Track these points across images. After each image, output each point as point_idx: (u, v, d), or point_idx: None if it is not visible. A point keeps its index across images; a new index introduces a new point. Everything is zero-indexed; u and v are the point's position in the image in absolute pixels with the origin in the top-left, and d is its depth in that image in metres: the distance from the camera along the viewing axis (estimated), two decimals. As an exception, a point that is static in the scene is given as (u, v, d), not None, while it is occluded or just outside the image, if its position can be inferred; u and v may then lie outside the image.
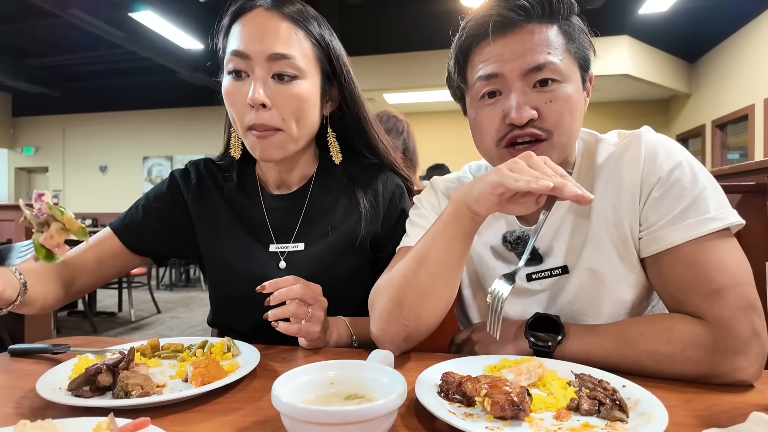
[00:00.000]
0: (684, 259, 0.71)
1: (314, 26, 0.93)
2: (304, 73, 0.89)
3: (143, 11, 5.89)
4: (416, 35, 7.18)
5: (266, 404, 0.61)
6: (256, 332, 0.94)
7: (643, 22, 6.51)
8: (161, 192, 1.05)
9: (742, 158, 6.79)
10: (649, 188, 0.76)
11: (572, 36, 0.77)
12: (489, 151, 0.81)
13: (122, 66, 8.46)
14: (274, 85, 0.87)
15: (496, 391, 0.54)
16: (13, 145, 10.89)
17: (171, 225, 1.03)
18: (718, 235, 0.70)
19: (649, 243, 0.75)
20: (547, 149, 0.76)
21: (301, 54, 0.89)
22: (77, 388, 0.63)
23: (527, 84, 0.75)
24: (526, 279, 0.85)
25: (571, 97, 0.75)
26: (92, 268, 0.98)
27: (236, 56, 0.87)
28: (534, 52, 0.74)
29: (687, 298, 0.70)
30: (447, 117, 8.90)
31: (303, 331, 0.80)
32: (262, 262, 0.97)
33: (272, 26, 0.87)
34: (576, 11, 0.79)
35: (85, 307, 4.61)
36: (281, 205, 1.02)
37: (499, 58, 0.75)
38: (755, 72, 6.14)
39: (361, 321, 0.93)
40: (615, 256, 0.79)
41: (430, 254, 0.74)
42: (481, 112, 0.79)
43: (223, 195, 1.04)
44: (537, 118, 0.74)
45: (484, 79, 0.77)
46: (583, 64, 0.79)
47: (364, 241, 0.99)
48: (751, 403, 0.60)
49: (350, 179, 1.04)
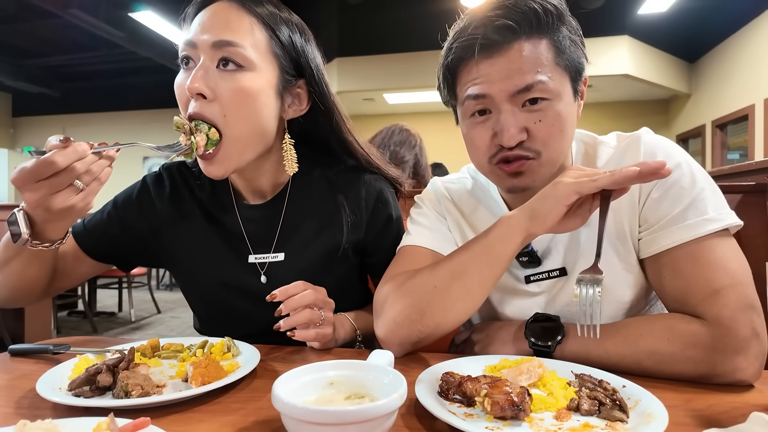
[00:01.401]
0: (683, 259, 0.71)
1: (281, 27, 0.87)
2: (252, 65, 0.82)
3: (143, 11, 5.89)
4: (416, 35, 7.17)
5: (266, 404, 0.60)
6: (246, 341, 0.92)
7: (643, 22, 6.51)
8: (130, 199, 1.00)
9: (742, 158, 6.79)
10: (648, 189, 0.76)
11: (562, 48, 0.75)
12: (482, 166, 0.82)
13: (122, 66, 8.46)
14: (218, 74, 0.80)
15: (496, 391, 0.54)
16: (13, 145, 10.88)
17: (132, 235, 0.98)
18: (717, 235, 0.70)
19: (648, 244, 0.75)
20: (536, 167, 0.76)
21: (252, 44, 0.82)
22: (77, 388, 0.63)
23: (516, 104, 0.74)
24: (525, 281, 0.85)
25: (560, 114, 0.74)
26: (71, 264, 0.96)
27: (186, 45, 0.83)
28: (522, 72, 0.72)
29: (686, 298, 0.70)
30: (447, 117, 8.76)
31: (319, 335, 0.79)
32: (241, 274, 0.94)
33: (223, 16, 0.82)
34: (566, 20, 0.76)
35: (85, 307, 4.61)
36: (256, 215, 0.96)
37: (486, 78, 0.74)
38: (755, 72, 6.14)
39: (363, 315, 0.93)
40: (614, 258, 0.79)
41: (469, 271, 0.74)
42: (472, 130, 0.79)
43: (196, 203, 0.98)
44: (526, 139, 0.74)
45: (473, 99, 0.76)
46: (575, 75, 0.77)
47: (347, 248, 0.95)
48: (751, 403, 0.60)
49: (330, 184, 0.98)
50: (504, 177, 0.78)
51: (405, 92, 8.04)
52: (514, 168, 0.76)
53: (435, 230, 0.91)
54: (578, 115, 0.81)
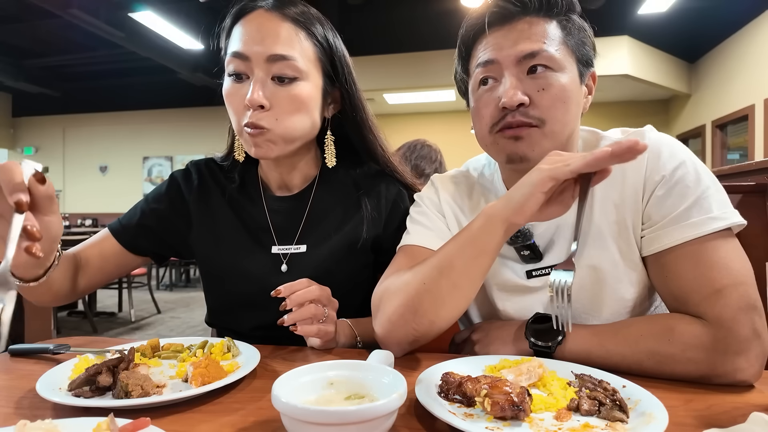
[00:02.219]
0: (686, 257, 0.71)
1: (317, 27, 0.92)
2: (304, 75, 0.88)
3: (143, 11, 5.89)
4: (416, 35, 7.18)
5: (266, 404, 0.60)
6: (256, 333, 0.94)
7: (643, 22, 6.51)
8: (160, 193, 1.05)
9: (742, 158, 6.79)
10: (653, 186, 0.76)
11: (570, 32, 0.78)
12: (484, 137, 0.82)
13: (122, 66, 8.46)
14: (273, 87, 0.87)
15: (496, 391, 0.54)
16: (13, 146, 10.89)
17: (167, 226, 1.03)
18: (720, 234, 0.70)
19: (651, 241, 0.75)
20: (539, 137, 0.76)
21: (302, 55, 0.88)
22: (77, 388, 0.63)
23: (521, 70, 0.76)
24: (526, 276, 0.85)
25: (565, 86, 0.76)
26: (97, 264, 0.99)
27: (236, 57, 0.87)
28: (529, 41, 0.75)
29: (688, 297, 0.70)
30: (447, 117, 8.90)
31: (322, 331, 0.80)
32: (264, 264, 0.97)
33: (272, 27, 0.87)
34: (577, 10, 0.79)
35: (85, 307, 4.61)
36: (283, 207, 1.01)
37: (496, 46, 0.77)
38: (755, 72, 6.14)
39: (364, 322, 0.93)
40: (617, 254, 0.79)
41: (454, 265, 0.73)
42: (479, 100, 0.81)
43: (225, 196, 1.03)
44: (529, 105, 0.75)
45: (482, 66, 0.79)
46: (582, 59, 0.80)
47: (366, 243, 0.99)
48: (751, 404, 0.60)
49: (353, 182, 1.03)
50: (504, 144, 0.78)
51: (405, 92, 8.04)
52: (515, 132, 0.76)
53: (434, 229, 0.91)
54: (585, 109, 0.83)
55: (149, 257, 1.05)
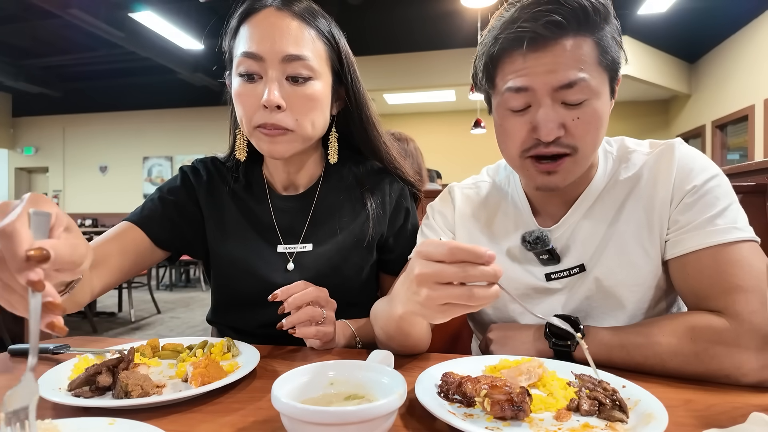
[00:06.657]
0: (708, 258, 0.72)
1: (323, 24, 0.92)
2: (317, 74, 0.88)
3: (143, 11, 5.89)
4: (416, 35, 7.18)
5: (266, 404, 0.61)
6: (261, 331, 0.94)
7: (643, 23, 6.51)
8: (175, 186, 1.03)
9: (742, 159, 6.79)
10: (682, 194, 0.77)
11: (605, 47, 0.74)
12: (513, 159, 0.81)
13: (122, 66, 8.46)
14: (288, 87, 0.86)
15: (496, 391, 0.54)
16: (13, 145, 10.90)
17: (187, 217, 1.01)
18: (743, 242, 0.71)
19: (675, 244, 0.76)
20: (571, 165, 0.76)
21: (314, 54, 0.88)
22: (77, 388, 0.63)
23: (556, 100, 0.74)
24: (546, 279, 0.86)
25: (598, 112, 0.74)
26: (115, 263, 0.91)
27: (248, 58, 0.85)
28: (566, 68, 0.72)
29: (708, 292, 0.71)
30: (447, 117, 8.90)
31: (320, 333, 0.80)
32: (270, 263, 0.97)
33: (284, 26, 0.85)
34: (611, 18, 0.75)
35: (85, 307, 4.61)
36: (289, 206, 1.01)
37: (531, 71, 0.73)
38: (755, 72, 6.15)
39: (363, 322, 0.93)
40: (640, 257, 0.79)
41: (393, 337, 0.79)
42: (508, 121, 0.79)
43: (230, 194, 1.03)
44: (563, 135, 0.74)
45: (514, 91, 0.75)
46: (613, 74, 0.78)
47: (372, 241, 0.99)
48: (751, 404, 0.60)
49: (357, 180, 1.03)
50: (535, 174, 0.78)
51: (405, 92, 8.04)
52: (549, 167, 0.76)
53: None
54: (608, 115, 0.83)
55: (170, 252, 1.02)
